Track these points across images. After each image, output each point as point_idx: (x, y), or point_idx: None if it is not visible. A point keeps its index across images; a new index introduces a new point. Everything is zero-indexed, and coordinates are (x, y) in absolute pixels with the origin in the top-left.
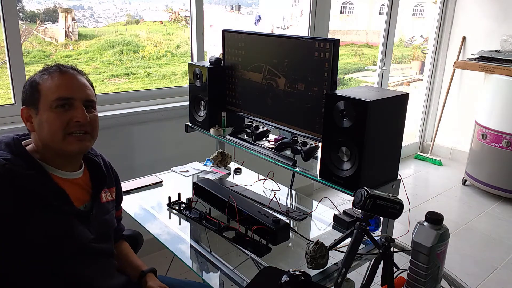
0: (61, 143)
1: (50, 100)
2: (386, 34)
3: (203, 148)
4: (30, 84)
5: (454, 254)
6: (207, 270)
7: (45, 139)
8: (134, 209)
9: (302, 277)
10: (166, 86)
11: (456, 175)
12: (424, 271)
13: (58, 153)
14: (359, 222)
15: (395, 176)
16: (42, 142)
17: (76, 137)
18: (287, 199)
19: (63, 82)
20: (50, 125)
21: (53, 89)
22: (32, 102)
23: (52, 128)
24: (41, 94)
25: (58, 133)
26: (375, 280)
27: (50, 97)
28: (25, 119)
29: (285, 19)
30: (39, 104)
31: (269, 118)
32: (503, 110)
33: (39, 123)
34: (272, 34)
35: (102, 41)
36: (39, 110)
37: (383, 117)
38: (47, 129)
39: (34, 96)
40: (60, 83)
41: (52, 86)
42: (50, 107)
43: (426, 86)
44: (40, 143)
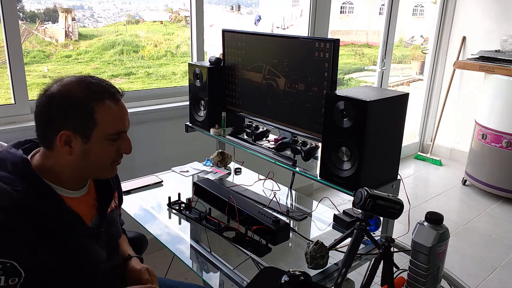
0: (104, 171)
1: (108, 133)
2: (386, 34)
3: (203, 148)
4: (81, 107)
5: (454, 254)
6: (207, 270)
7: (84, 166)
8: (134, 209)
9: (302, 277)
10: (166, 86)
11: (456, 175)
12: (424, 271)
13: (83, 176)
14: (359, 222)
15: (395, 176)
16: (74, 167)
17: (116, 165)
18: (287, 199)
19: (120, 114)
20: (102, 156)
21: (112, 122)
22: (81, 128)
23: (103, 159)
24: (97, 124)
25: (107, 164)
26: (375, 280)
27: (108, 130)
28: (63, 143)
29: (285, 19)
30: (91, 133)
31: (269, 118)
32: (503, 110)
33: (86, 151)
34: (272, 34)
35: (102, 41)
36: (90, 139)
37: (383, 117)
38: (96, 159)
39: (87, 123)
40: (118, 116)
41: (111, 118)
42: (104, 140)
43: (426, 86)
44: (67, 167)
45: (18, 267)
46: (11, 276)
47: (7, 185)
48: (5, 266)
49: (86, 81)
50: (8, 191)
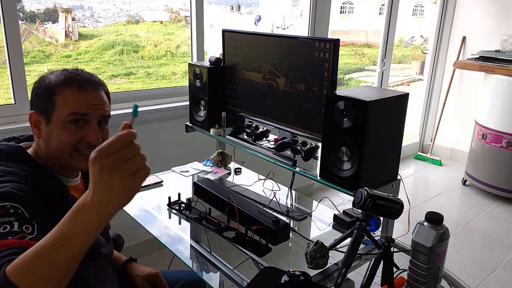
0: (67, 158)
1: (65, 115)
2: (386, 34)
3: (203, 148)
4: (46, 90)
5: (454, 254)
6: (207, 270)
7: (51, 150)
8: (134, 209)
9: (302, 277)
10: (166, 86)
11: (456, 175)
12: (424, 271)
13: (62, 165)
14: (359, 222)
15: (395, 176)
16: (47, 151)
17: (83, 155)
18: (287, 199)
19: (82, 99)
20: (60, 140)
21: (70, 105)
22: (44, 110)
23: (61, 144)
24: (56, 105)
25: (66, 149)
26: (375, 280)
27: (65, 112)
28: (32, 124)
29: (285, 19)
30: (51, 115)
31: (269, 118)
32: (503, 110)
33: (48, 133)
34: (272, 34)
35: (102, 41)
36: (51, 121)
37: (383, 117)
38: (55, 143)
39: (48, 105)
40: (79, 100)
41: (69, 101)
42: (63, 122)
43: (426, 86)
44: (45, 152)
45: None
46: (24, 223)
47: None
48: (16, 212)
49: (68, 71)
50: (15, 171)
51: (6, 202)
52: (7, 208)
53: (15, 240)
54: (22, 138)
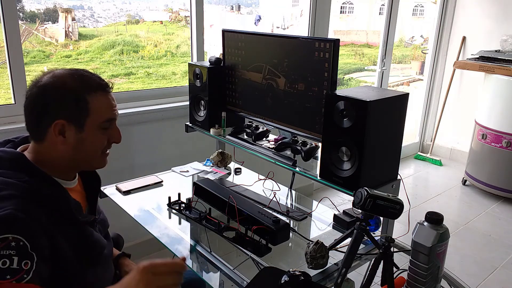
0: (96, 161)
1: (102, 121)
2: (386, 34)
3: (203, 148)
4: (75, 99)
5: (454, 254)
6: (207, 270)
7: (78, 156)
8: (134, 209)
9: (302, 277)
10: (166, 86)
11: (456, 175)
12: (424, 271)
13: (76, 167)
14: (359, 222)
15: (395, 176)
16: (66, 158)
17: (107, 155)
18: (287, 199)
19: (110, 103)
20: (94, 145)
21: (103, 110)
22: (76, 118)
23: (95, 148)
24: (90, 113)
25: (98, 152)
26: (375, 280)
27: (101, 118)
28: (57, 132)
29: (285, 19)
30: (85, 122)
31: (269, 118)
32: (503, 110)
33: (80, 140)
34: (272, 34)
35: (102, 41)
36: (84, 129)
37: (383, 117)
38: (89, 148)
39: (81, 113)
40: (108, 105)
41: (102, 107)
42: (98, 128)
43: (426, 86)
44: (59, 158)
45: (29, 248)
46: (24, 258)
47: (10, 179)
48: (18, 244)
49: (79, 74)
50: (14, 182)
51: (8, 233)
52: (8, 240)
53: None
54: (18, 141)
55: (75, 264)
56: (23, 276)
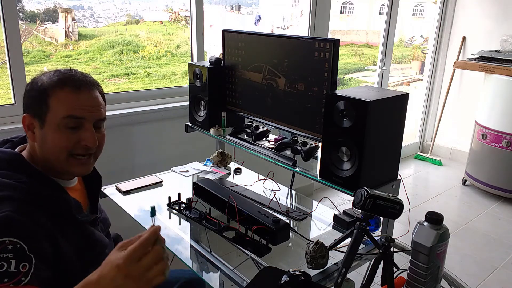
0: (63, 163)
1: (59, 117)
2: (386, 34)
3: (203, 148)
4: (39, 91)
5: (454, 254)
6: (207, 270)
7: (46, 155)
8: (134, 209)
9: (302, 277)
10: (166, 86)
11: (456, 175)
12: (424, 271)
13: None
14: (359, 222)
15: (395, 176)
16: (42, 155)
17: (79, 161)
18: (287, 199)
19: (77, 101)
20: (55, 144)
21: (64, 107)
22: (37, 112)
23: (56, 148)
24: (49, 108)
25: (62, 153)
26: (375, 280)
27: (59, 115)
28: (26, 127)
29: (285, 19)
30: (45, 118)
31: (269, 118)
32: (503, 110)
33: (43, 137)
34: (272, 34)
35: (102, 41)
36: (45, 124)
37: (383, 117)
38: (50, 146)
39: (41, 107)
40: (73, 102)
41: (63, 103)
42: (58, 125)
43: (426, 86)
44: (40, 156)
45: (27, 251)
46: (22, 261)
47: (8, 179)
48: (15, 247)
49: (59, 71)
50: (13, 184)
51: (4, 237)
52: (5, 244)
53: (9, 287)
54: (16, 141)
55: (77, 264)
56: (21, 279)
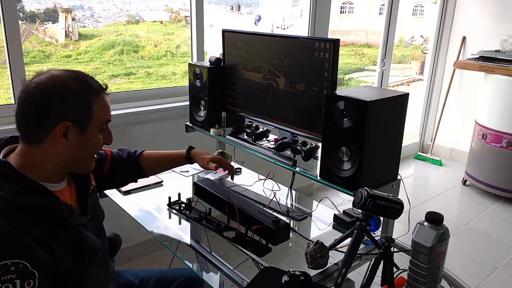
0: (90, 163)
1: (102, 122)
2: (386, 34)
3: (203, 148)
4: (80, 100)
5: (454, 254)
6: (207, 270)
7: (75, 157)
8: (134, 209)
9: (302, 277)
10: (166, 86)
11: (456, 175)
12: (424, 271)
13: (66, 170)
14: (359, 222)
15: (395, 176)
16: (62, 160)
17: (95, 157)
18: (287, 199)
19: (108, 105)
20: (94, 146)
21: (104, 112)
22: (79, 120)
23: (94, 149)
24: (93, 115)
25: (94, 154)
26: (375, 280)
27: (102, 120)
28: (62, 134)
29: (285, 19)
30: (88, 124)
31: (269, 118)
32: (503, 110)
33: (81, 142)
34: (272, 34)
35: (102, 41)
36: (87, 130)
37: (383, 117)
38: (88, 149)
39: (84, 115)
40: (107, 106)
41: (103, 109)
42: (99, 130)
43: (426, 86)
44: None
45: (29, 267)
46: (26, 279)
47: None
48: (18, 267)
49: (79, 75)
50: (2, 195)
51: (6, 259)
52: (8, 266)
53: None
54: (1, 143)
55: (72, 268)
56: None
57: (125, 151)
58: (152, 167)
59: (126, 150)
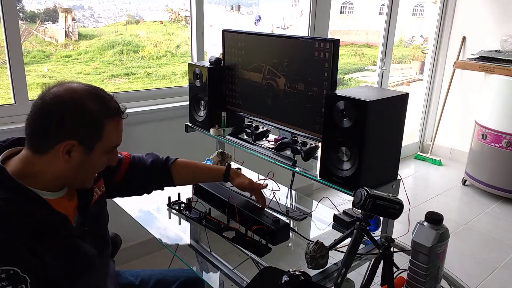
0: (88, 182)
1: (111, 146)
2: (386, 34)
3: (203, 148)
4: (93, 122)
5: (454, 254)
6: (207, 270)
7: (76, 176)
8: (134, 209)
9: (302, 277)
10: (166, 86)
11: (456, 175)
12: (424, 271)
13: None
14: (359, 222)
15: (395, 176)
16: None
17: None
18: (287, 199)
19: (121, 128)
20: (96, 168)
21: (115, 136)
22: (87, 140)
23: (96, 170)
24: (102, 137)
25: (94, 174)
26: (375, 280)
27: (111, 144)
28: (65, 151)
29: (285, 19)
30: (95, 145)
31: (269, 118)
32: (503, 110)
33: (84, 162)
34: (272, 34)
35: (102, 41)
36: (92, 152)
37: (383, 117)
38: (90, 170)
39: (93, 137)
40: (119, 131)
41: (115, 133)
42: (105, 152)
43: (426, 86)
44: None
45: (20, 273)
46: (18, 284)
47: None
48: (8, 274)
49: (99, 95)
50: None
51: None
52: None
53: None
54: (5, 145)
55: (63, 277)
56: None
57: (151, 157)
58: (185, 178)
59: (153, 156)
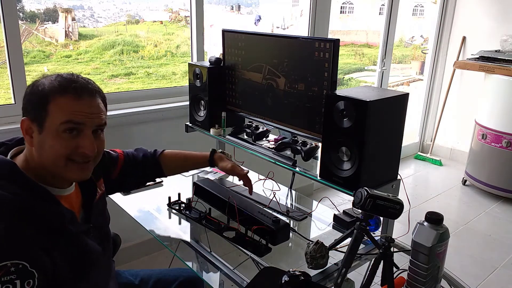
0: (61, 169)
1: (58, 123)
2: (386, 34)
3: (203, 148)
4: (39, 96)
5: (454, 254)
6: (207, 270)
7: (44, 160)
8: (134, 209)
9: (302, 277)
10: (166, 86)
11: (456, 175)
12: (424, 271)
13: (55, 175)
14: (359, 222)
15: (395, 176)
16: (40, 161)
17: (78, 166)
18: (287, 199)
19: (77, 107)
20: (53, 150)
21: (63, 113)
22: (36, 117)
23: (55, 154)
24: (48, 113)
25: (60, 160)
26: (375, 280)
27: (58, 120)
28: (24, 131)
29: (285, 19)
30: (44, 123)
31: (269, 118)
32: (503, 110)
33: (41, 142)
34: (272, 34)
35: (102, 41)
36: (43, 129)
37: (383, 117)
38: (48, 153)
39: (40, 112)
40: (74, 108)
41: (63, 110)
42: (56, 131)
43: (426, 86)
44: (38, 161)
45: (28, 267)
46: (25, 279)
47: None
48: (17, 268)
49: (61, 76)
50: (5, 195)
51: (5, 261)
52: (7, 267)
53: None
54: (11, 143)
55: (68, 275)
56: None
57: (141, 152)
58: (174, 168)
59: (142, 151)
